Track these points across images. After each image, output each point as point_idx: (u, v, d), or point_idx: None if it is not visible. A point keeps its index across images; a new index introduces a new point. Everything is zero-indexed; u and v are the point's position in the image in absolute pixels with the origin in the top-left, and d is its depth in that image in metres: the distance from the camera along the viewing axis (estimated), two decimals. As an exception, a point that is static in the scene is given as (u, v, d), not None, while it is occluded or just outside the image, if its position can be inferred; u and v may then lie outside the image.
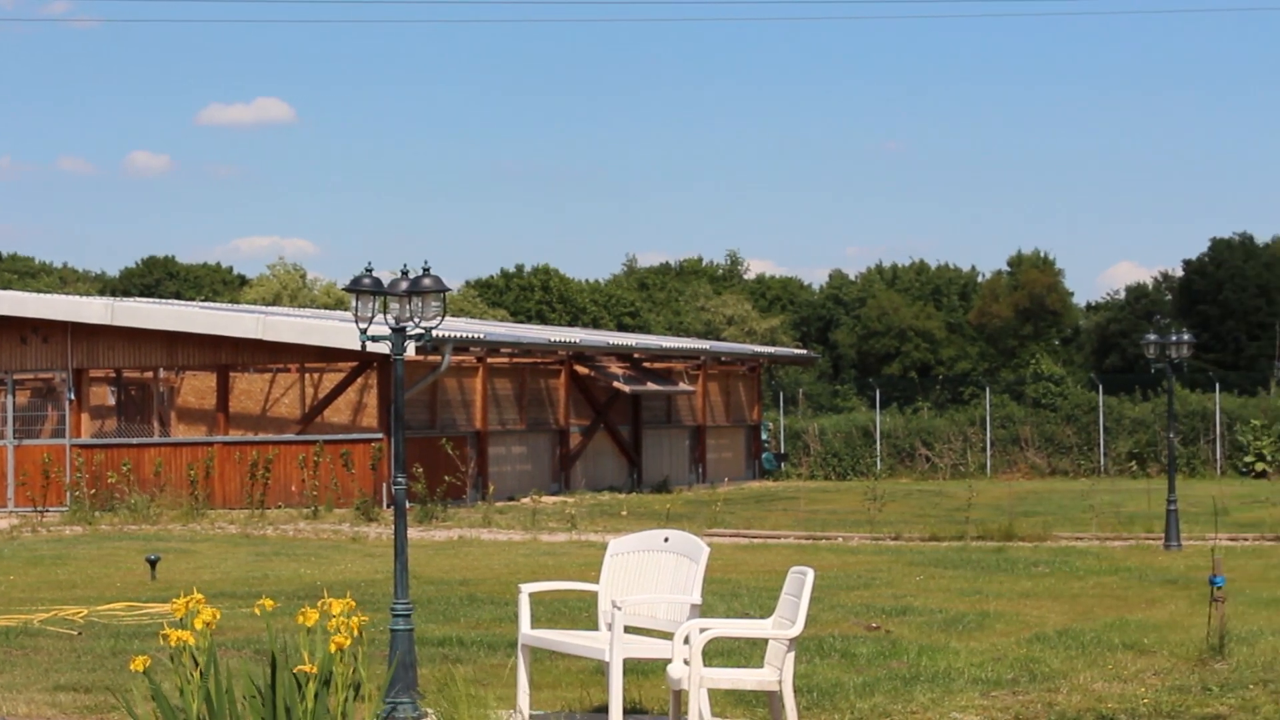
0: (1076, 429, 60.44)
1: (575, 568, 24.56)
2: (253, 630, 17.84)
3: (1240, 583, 22.18)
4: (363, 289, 13.54)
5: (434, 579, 24.03)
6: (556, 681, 14.89)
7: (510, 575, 23.82)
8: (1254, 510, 38.78)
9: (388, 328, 13.50)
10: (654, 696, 13.93)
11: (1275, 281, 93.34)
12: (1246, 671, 14.78)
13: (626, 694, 12.89)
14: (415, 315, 13.46)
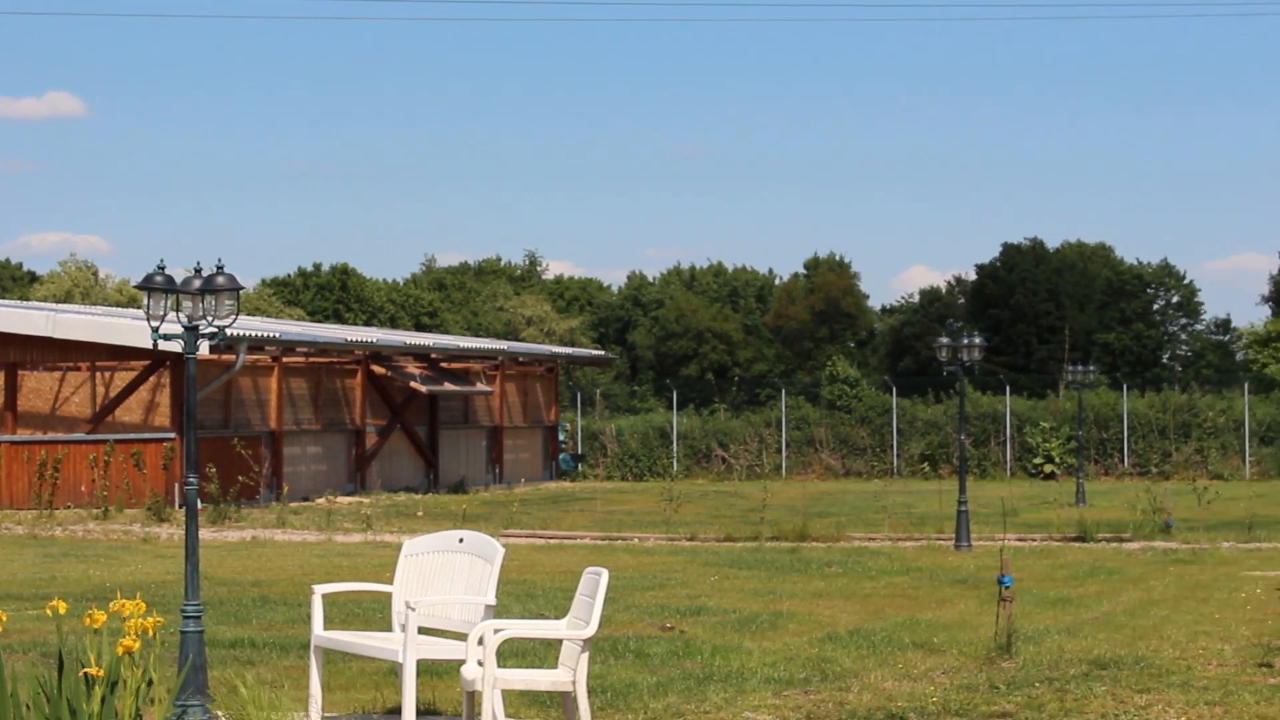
0: (870, 430, 61.19)
1: (370, 569, 24.39)
2: (40, 633, 17.49)
3: (1028, 582, 22.58)
4: (155, 287, 13.34)
5: (226, 580, 23.74)
6: (350, 683, 14.77)
7: (304, 576, 23.60)
8: (1042, 511, 39.48)
9: (180, 326, 13.30)
10: (448, 697, 13.87)
11: (1065, 286, 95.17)
12: (1033, 670, 15.04)
13: (420, 695, 12.81)
14: (208, 314, 13.28)
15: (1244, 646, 16.35)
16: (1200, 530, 32.02)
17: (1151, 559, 27.30)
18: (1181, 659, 15.59)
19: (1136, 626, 18.32)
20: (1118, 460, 58.88)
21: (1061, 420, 59.10)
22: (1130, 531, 32.06)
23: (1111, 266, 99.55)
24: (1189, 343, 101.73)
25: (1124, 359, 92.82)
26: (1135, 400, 60.27)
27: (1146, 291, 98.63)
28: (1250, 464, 57.57)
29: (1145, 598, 21.49)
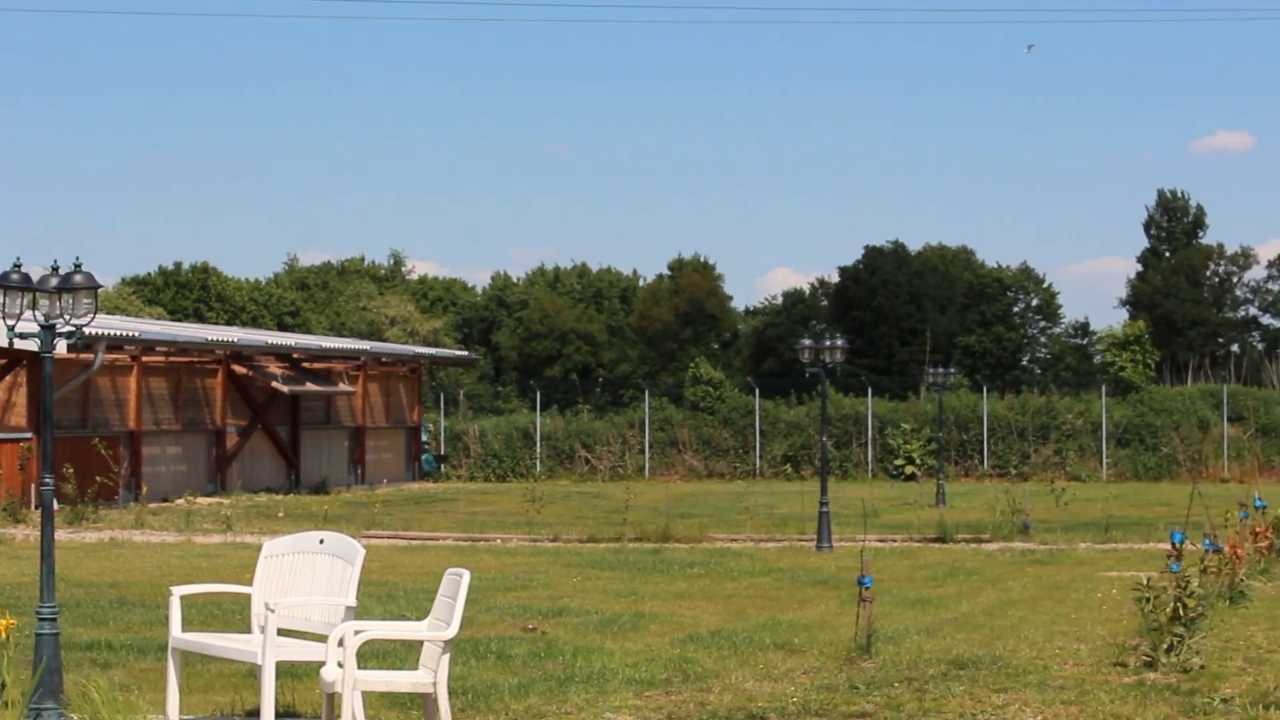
0: (733, 432, 61.42)
1: (230, 570, 24.15)
2: (-111, 636, 17.17)
3: (888, 583, 22.75)
4: (11, 285, 13.15)
5: (83, 582, 23.44)
6: (209, 685, 14.64)
7: (162, 577, 23.34)
8: (903, 512, 39.81)
9: (36, 325, 13.14)
10: (307, 699, 13.77)
11: (926, 289, 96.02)
12: (892, 670, 15.16)
13: (280, 697, 12.72)
14: (66, 312, 13.12)
15: (1099, 646, 16.56)
16: (1058, 531, 32.39)
17: (1010, 560, 27.60)
18: (1038, 659, 15.76)
19: (994, 626, 18.51)
20: (977, 462, 59.47)
21: (922, 422, 59.60)
22: (989, 532, 32.40)
23: (972, 270, 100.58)
24: (1048, 345, 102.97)
25: (984, 361, 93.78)
26: (995, 402, 60.92)
27: (1007, 295, 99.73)
28: (1107, 465, 58.34)
29: (1003, 598, 21.71)
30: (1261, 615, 18.76)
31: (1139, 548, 29.20)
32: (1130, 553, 28.36)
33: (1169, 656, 14.95)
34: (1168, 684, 14.12)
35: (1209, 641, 16.15)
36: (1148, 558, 25.83)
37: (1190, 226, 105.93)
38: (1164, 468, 57.71)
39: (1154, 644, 15.16)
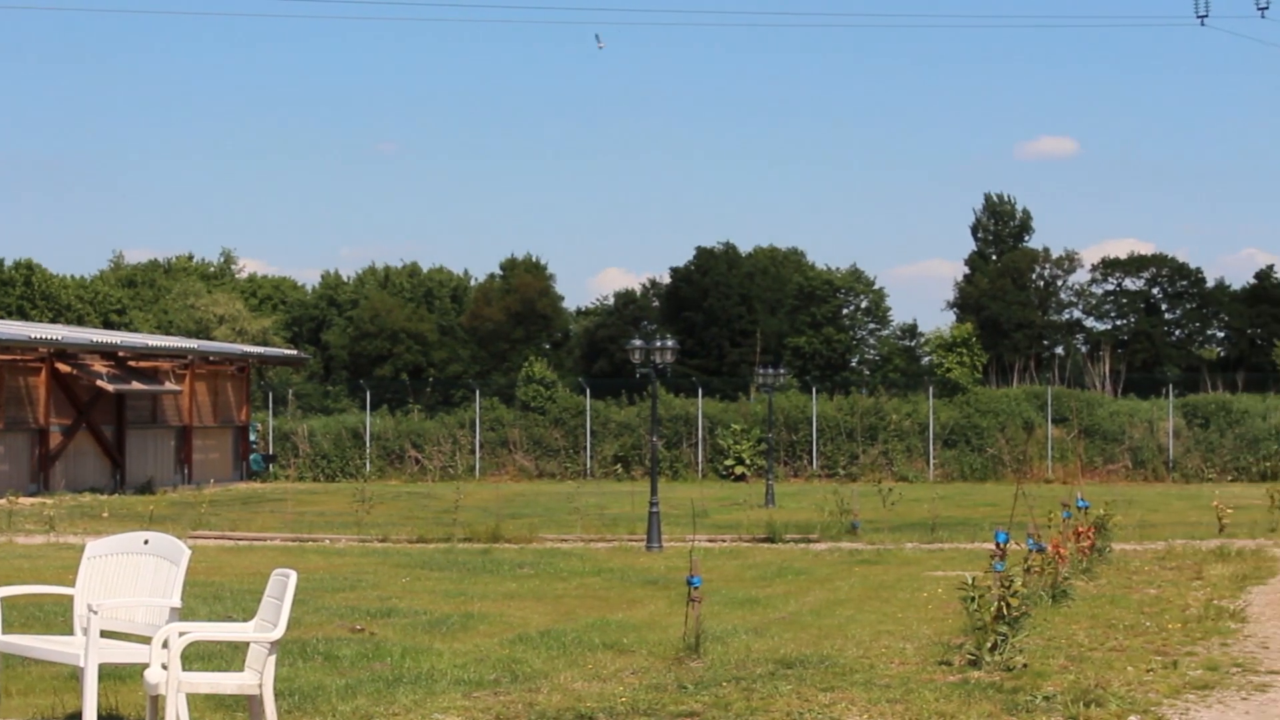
0: (564, 432, 61.43)
1: (52, 571, 23.76)
2: None
3: (717, 583, 22.84)
4: None
5: (-101, 584, 22.94)
6: (29, 688, 14.38)
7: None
8: (732, 512, 39.99)
9: None
10: (131, 702, 13.57)
11: (757, 290, 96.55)
12: (720, 669, 15.21)
13: (102, 700, 12.53)
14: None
15: (925, 645, 16.73)
16: (885, 531, 32.72)
17: (838, 559, 27.81)
18: (865, 658, 15.89)
19: (822, 626, 18.63)
20: (807, 462, 59.93)
21: (752, 423, 59.96)
22: (818, 532, 32.65)
23: (803, 271, 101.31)
24: (877, 347, 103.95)
25: (814, 363, 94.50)
26: (824, 403, 61.40)
27: (836, 296, 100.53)
28: (934, 466, 59.02)
29: (831, 598, 21.87)
30: (1083, 614, 19.04)
31: (965, 547, 29.55)
32: (956, 552, 28.69)
33: (993, 655, 15.13)
34: (991, 682, 14.29)
35: (1032, 640, 16.38)
36: (973, 557, 26.15)
37: (1016, 230, 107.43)
38: (989, 468, 58.50)
39: (978, 643, 15.34)
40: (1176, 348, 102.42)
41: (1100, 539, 24.83)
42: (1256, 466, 57.04)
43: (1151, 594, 21.36)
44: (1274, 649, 16.42)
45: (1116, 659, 15.65)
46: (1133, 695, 13.66)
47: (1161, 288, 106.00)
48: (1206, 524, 33.30)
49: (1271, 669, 15.14)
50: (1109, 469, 58.32)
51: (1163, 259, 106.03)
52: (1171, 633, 17.48)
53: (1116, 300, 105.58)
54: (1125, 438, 59.14)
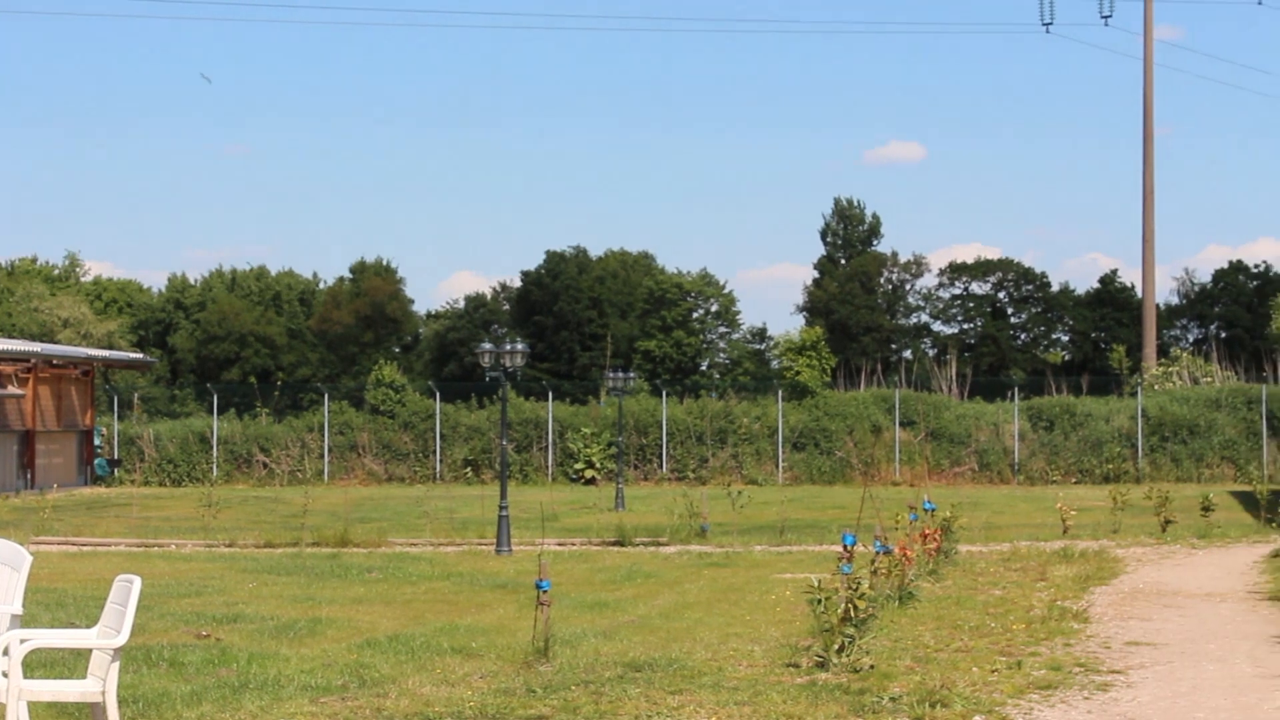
0: (414, 436, 61.15)
1: (-111, 578, 23.31)
2: None
3: (566, 586, 22.85)
4: None
5: None
6: None
7: None
8: (582, 516, 40.01)
9: None
10: (-30, 712, 13.34)
11: (607, 294, 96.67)
12: (569, 673, 15.20)
13: (-61, 710, 12.30)
14: None
15: (773, 647, 16.81)
16: (734, 534, 32.85)
17: (687, 562, 27.89)
18: (713, 660, 15.94)
19: (671, 629, 18.67)
20: (657, 465, 60.05)
21: (603, 426, 60.01)
22: (667, 536, 32.71)
23: (653, 275, 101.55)
24: (727, 351, 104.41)
25: (664, 366, 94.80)
26: (674, 407, 61.56)
27: (687, 300, 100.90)
28: (783, 469, 59.36)
29: (680, 600, 21.93)
30: (930, 615, 19.23)
31: (813, 550, 29.73)
32: (804, 555, 28.86)
33: (840, 657, 15.23)
34: (839, 684, 14.39)
35: (879, 641, 16.51)
36: (821, 560, 26.32)
37: (865, 234, 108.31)
38: (838, 471, 58.90)
39: (826, 644, 15.44)
40: (1022, 351, 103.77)
41: (946, 541, 25.09)
42: (1099, 469, 57.87)
43: (997, 595, 21.60)
44: (1115, 649, 16.67)
45: (962, 660, 15.81)
46: (977, 695, 13.81)
47: (1007, 292, 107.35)
48: (1051, 526, 33.74)
49: (1113, 668, 15.36)
50: (955, 471, 58.95)
51: (1009, 263, 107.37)
52: (1016, 633, 17.69)
53: (963, 304, 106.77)
54: (971, 440, 59.79)
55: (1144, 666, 15.52)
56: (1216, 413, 59.52)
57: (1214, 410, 59.65)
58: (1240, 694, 13.93)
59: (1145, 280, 76.13)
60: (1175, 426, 58.90)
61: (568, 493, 52.20)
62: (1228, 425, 59.11)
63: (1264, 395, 59.56)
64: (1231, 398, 60.32)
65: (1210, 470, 57.75)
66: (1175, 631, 18.01)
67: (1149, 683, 14.62)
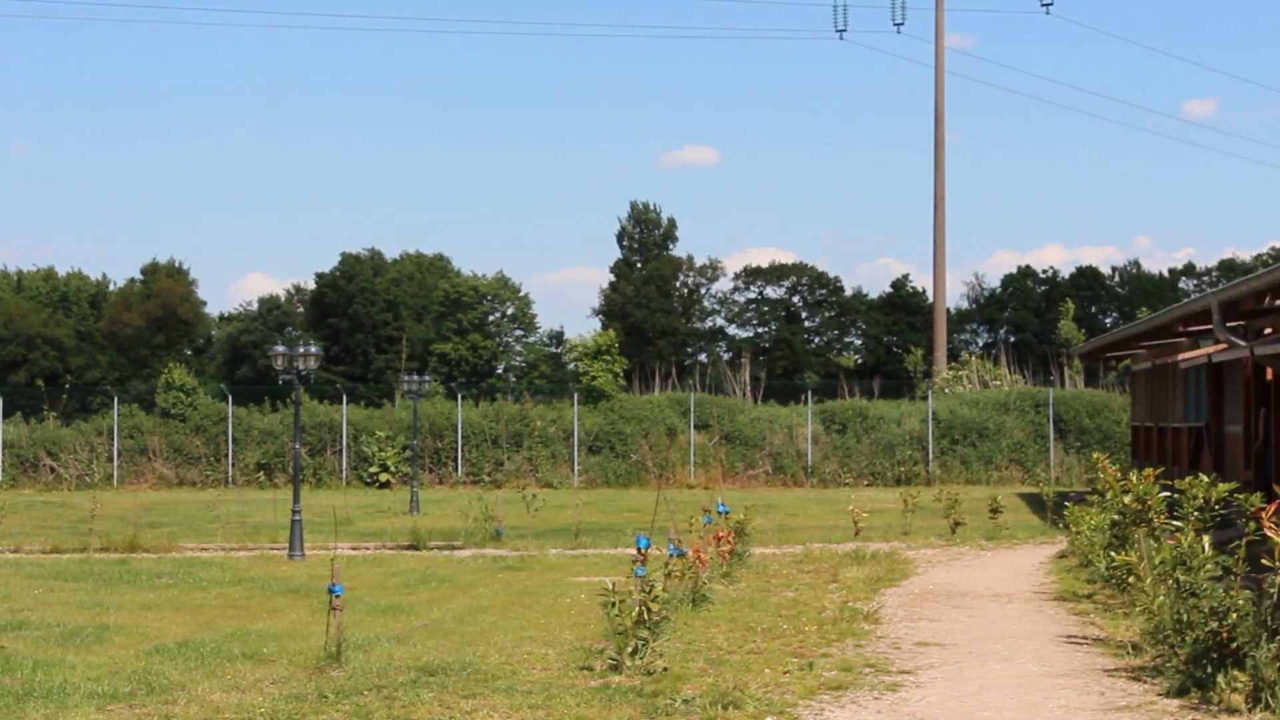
0: (206, 439, 60.37)
1: None
2: None
3: (360, 591, 22.69)
4: None
5: None
6: None
7: None
8: (376, 520, 39.75)
9: None
10: None
11: (403, 297, 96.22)
12: (362, 678, 15.08)
13: None
14: None
15: (567, 650, 16.81)
16: (529, 537, 32.82)
17: (482, 566, 27.81)
18: (507, 664, 15.90)
19: (465, 633, 18.60)
20: (452, 469, 59.82)
21: (398, 429, 59.68)
22: (462, 539, 32.63)
23: (449, 278, 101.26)
24: (524, 354, 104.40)
25: (460, 369, 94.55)
26: (470, 410, 61.38)
27: (483, 303, 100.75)
28: (579, 472, 59.42)
29: (475, 604, 21.85)
30: (723, 617, 19.33)
31: (608, 553, 29.79)
32: (599, 558, 28.90)
33: (634, 659, 15.26)
34: (632, 686, 14.41)
35: (673, 644, 16.57)
36: (616, 563, 26.38)
37: (661, 238, 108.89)
38: (633, 474, 59.10)
39: (619, 647, 15.46)
40: (816, 355, 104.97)
41: (740, 543, 25.26)
42: (891, 471, 58.64)
43: (789, 597, 21.78)
44: (905, 649, 16.88)
45: (754, 661, 15.92)
46: (769, 697, 13.91)
47: (802, 296, 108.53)
48: (843, 528, 34.11)
49: (903, 668, 15.55)
50: (750, 474, 59.40)
51: (803, 268, 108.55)
52: (808, 635, 17.85)
53: (758, 308, 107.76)
54: (766, 444, 60.27)
55: (933, 667, 15.73)
56: (1005, 416, 60.58)
57: (1003, 413, 60.70)
58: (1026, 693, 14.17)
59: (936, 285, 77.25)
60: (965, 429, 59.86)
61: (362, 496, 51.84)
62: (1016, 428, 60.18)
63: (1051, 399, 60.74)
64: (1020, 401, 61.42)
65: (999, 472, 58.77)
66: (964, 632, 18.28)
67: (938, 683, 14.82)
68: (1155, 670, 15.00)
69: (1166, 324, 34.00)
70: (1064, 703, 13.67)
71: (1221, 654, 13.54)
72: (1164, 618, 15.40)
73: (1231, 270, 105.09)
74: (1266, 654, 12.89)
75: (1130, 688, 14.34)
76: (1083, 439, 59.56)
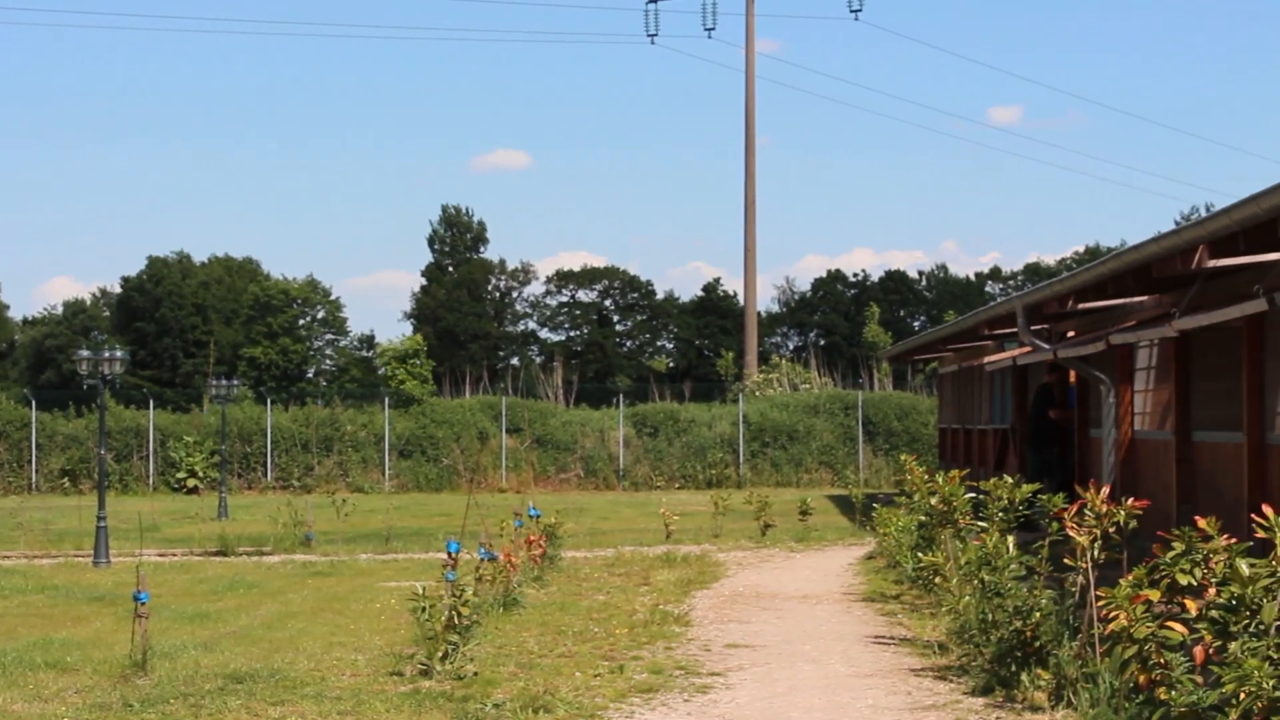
0: (8, 445, 59.25)
1: None
2: None
3: (167, 598, 22.39)
4: None
5: None
6: None
7: None
8: (184, 526, 39.26)
9: None
10: None
11: (212, 300, 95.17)
12: (168, 686, 14.88)
13: None
14: None
15: (377, 656, 16.71)
16: (339, 543, 32.60)
17: (291, 572, 27.56)
18: (316, 670, 15.78)
19: (273, 639, 18.42)
20: (261, 474, 59.24)
21: (206, 434, 58.98)
22: (271, 545, 32.33)
23: (259, 282, 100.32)
24: (334, 358, 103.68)
25: (270, 373, 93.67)
26: (280, 414, 60.80)
27: (293, 307, 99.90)
28: (390, 477, 59.10)
29: (284, 610, 21.65)
30: (534, 621, 19.32)
31: (419, 558, 29.65)
32: (410, 563, 28.77)
33: (444, 664, 15.21)
34: (443, 691, 14.36)
35: (483, 648, 16.54)
36: (427, 567, 26.25)
37: (472, 242, 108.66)
38: (445, 478, 58.90)
39: (430, 652, 15.40)
40: (628, 358, 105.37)
41: (552, 547, 25.28)
42: (703, 474, 58.96)
43: (601, 600, 21.82)
44: (716, 651, 16.97)
45: (565, 665, 15.93)
46: (580, 700, 13.93)
47: (614, 300, 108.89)
48: (654, 531, 34.24)
49: (713, 670, 15.64)
50: (562, 478, 59.44)
51: (615, 271, 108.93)
52: (619, 638, 17.89)
53: (570, 312, 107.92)
54: (577, 447, 60.34)
55: (743, 668, 15.84)
56: (815, 418, 61.14)
57: (812, 416, 61.26)
58: (834, 693, 14.31)
59: (747, 288, 77.81)
60: (775, 432, 60.33)
61: (170, 502, 51.17)
62: (826, 430, 60.77)
63: (860, 401, 61.42)
64: (829, 404, 62.04)
65: (809, 475, 59.31)
66: (773, 633, 18.42)
67: (747, 684, 14.91)
68: (961, 669, 15.22)
69: (972, 327, 34.51)
70: (871, 702, 13.83)
71: (1025, 652, 13.77)
72: (969, 617, 15.64)
73: (1036, 274, 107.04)
74: (1069, 652, 13.12)
75: (936, 687, 14.53)
76: (891, 441, 60.29)
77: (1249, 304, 17.63)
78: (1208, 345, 22.64)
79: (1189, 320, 19.65)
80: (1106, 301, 24.21)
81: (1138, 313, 24.98)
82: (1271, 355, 20.02)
